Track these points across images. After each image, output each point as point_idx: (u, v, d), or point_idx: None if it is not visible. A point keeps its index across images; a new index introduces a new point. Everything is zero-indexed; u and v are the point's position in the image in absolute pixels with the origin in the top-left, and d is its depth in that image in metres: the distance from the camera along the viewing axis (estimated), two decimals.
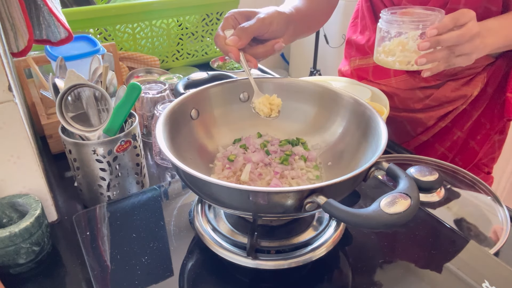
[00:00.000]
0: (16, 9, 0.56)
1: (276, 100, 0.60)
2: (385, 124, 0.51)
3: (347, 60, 1.02)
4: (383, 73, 0.92)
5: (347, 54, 1.02)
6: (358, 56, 0.98)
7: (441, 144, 0.93)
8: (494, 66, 0.84)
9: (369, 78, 0.96)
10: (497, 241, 0.57)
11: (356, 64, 0.98)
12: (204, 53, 1.27)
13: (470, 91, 0.85)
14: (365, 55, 0.96)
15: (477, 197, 0.66)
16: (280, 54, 3.07)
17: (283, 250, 0.50)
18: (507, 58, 0.83)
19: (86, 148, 0.60)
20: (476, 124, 0.89)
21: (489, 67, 0.84)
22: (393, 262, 0.51)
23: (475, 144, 0.90)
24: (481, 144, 0.89)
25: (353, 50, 0.99)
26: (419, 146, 0.96)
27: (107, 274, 0.49)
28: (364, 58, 0.96)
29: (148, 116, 0.85)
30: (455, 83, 0.86)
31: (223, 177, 0.57)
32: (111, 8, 1.03)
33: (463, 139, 0.91)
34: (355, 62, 0.98)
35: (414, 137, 0.94)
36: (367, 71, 0.96)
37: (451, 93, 0.87)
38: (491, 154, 0.94)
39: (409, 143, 0.95)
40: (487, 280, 0.47)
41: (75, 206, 0.69)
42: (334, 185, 0.41)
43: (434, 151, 0.94)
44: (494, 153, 0.94)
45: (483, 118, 0.88)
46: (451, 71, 0.84)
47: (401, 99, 0.92)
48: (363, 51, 0.96)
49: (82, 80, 0.59)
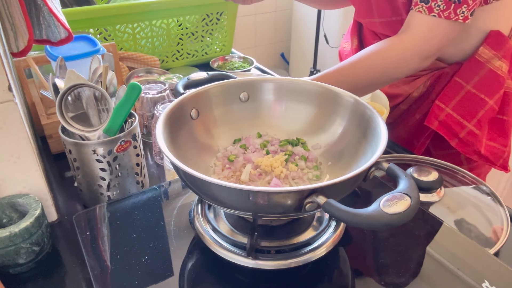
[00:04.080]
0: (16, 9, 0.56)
1: None
2: (385, 124, 0.51)
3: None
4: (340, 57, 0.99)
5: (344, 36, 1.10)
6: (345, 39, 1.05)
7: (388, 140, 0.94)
8: (441, 72, 0.84)
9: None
10: (497, 241, 0.57)
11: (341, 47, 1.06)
12: (204, 53, 1.27)
13: (407, 91, 0.87)
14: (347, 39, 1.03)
15: (477, 197, 0.66)
16: (280, 54, 3.07)
17: (283, 250, 0.50)
18: (457, 67, 0.83)
19: (86, 148, 0.60)
20: (418, 127, 0.90)
21: (436, 72, 0.85)
22: (393, 262, 0.51)
23: (418, 145, 0.90)
24: (421, 147, 0.89)
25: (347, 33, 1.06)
26: None
27: (107, 274, 0.49)
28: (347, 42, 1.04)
29: (148, 116, 0.85)
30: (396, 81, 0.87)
31: (223, 177, 0.57)
32: (111, 8, 1.03)
33: (407, 139, 0.92)
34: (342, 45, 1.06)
35: None
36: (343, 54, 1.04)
37: (389, 89, 0.89)
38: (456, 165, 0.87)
39: None
40: (487, 280, 0.47)
41: (75, 206, 0.69)
42: (334, 185, 0.41)
43: None
44: (460, 164, 0.88)
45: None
46: None
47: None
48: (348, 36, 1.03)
49: (82, 80, 0.59)
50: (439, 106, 0.82)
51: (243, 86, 0.63)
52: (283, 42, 3.01)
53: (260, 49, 2.95)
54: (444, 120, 0.82)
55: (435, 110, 0.82)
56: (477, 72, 0.80)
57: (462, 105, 0.81)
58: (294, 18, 2.80)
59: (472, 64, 0.80)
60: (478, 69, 0.80)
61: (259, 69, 1.26)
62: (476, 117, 0.81)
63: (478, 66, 0.80)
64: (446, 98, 0.82)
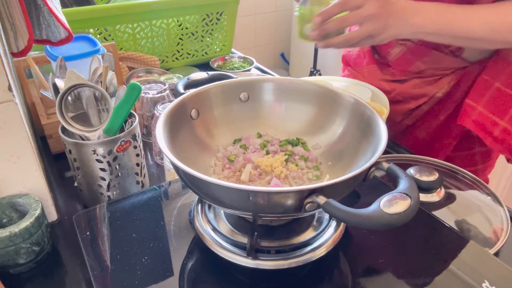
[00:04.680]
0: (16, 9, 0.56)
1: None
2: (385, 124, 0.51)
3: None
4: (360, 61, 0.96)
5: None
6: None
7: (405, 143, 0.93)
8: (465, 71, 0.83)
9: (351, 65, 1.00)
10: (497, 241, 0.57)
11: (345, 51, 1.04)
12: (204, 53, 1.27)
13: (432, 91, 0.85)
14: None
15: (477, 197, 0.66)
16: (280, 54, 3.07)
17: (283, 250, 0.50)
18: (481, 66, 0.81)
19: (86, 148, 0.60)
20: (442, 128, 0.88)
21: (459, 71, 0.83)
22: (393, 262, 0.51)
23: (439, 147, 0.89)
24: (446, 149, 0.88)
25: None
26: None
27: (107, 274, 0.49)
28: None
29: (148, 116, 0.85)
30: (419, 81, 0.86)
31: (223, 177, 0.57)
32: (111, 8, 1.03)
33: (428, 141, 0.91)
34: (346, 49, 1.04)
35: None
36: (350, 58, 1.00)
37: (413, 90, 0.87)
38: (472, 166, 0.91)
39: None
40: (487, 280, 0.47)
41: (75, 206, 0.69)
42: (334, 185, 0.41)
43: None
44: (475, 165, 0.91)
45: (452, 123, 0.87)
46: (417, 69, 0.85)
47: None
48: None
49: (82, 80, 0.59)
50: (470, 104, 0.80)
51: (243, 86, 0.63)
52: (283, 42, 3.01)
53: (260, 49, 2.95)
54: (477, 119, 0.80)
55: (467, 109, 0.80)
56: (504, 69, 0.78)
57: (493, 102, 0.79)
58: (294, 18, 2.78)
59: (498, 61, 0.79)
60: (505, 66, 0.78)
61: (259, 69, 1.26)
62: (508, 114, 0.78)
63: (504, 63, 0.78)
64: (476, 96, 0.80)
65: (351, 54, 1.01)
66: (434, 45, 0.81)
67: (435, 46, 0.81)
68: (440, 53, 0.81)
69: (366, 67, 0.94)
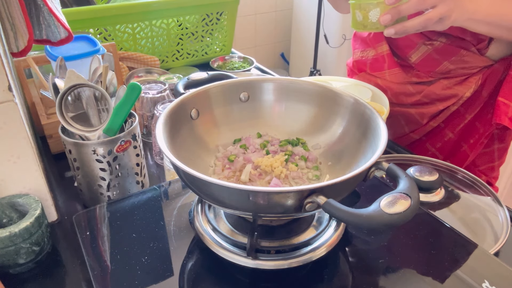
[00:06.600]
0: (16, 9, 0.56)
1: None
2: (385, 124, 0.51)
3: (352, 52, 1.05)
4: (378, 66, 0.94)
5: (353, 46, 1.04)
6: (360, 48, 1.00)
7: (432, 144, 0.93)
8: (491, 69, 0.83)
9: (367, 71, 0.98)
10: (497, 241, 0.57)
11: (358, 56, 1.00)
12: (204, 53, 1.27)
13: (461, 91, 0.85)
14: (365, 47, 0.98)
15: (477, 197, 0.66)
16: (280, 54, 3.07)
17: (283, 250, 0.50)
18: (506, 63, 0.82)
19: (86, 148, 0.60)
20: (469, 127, 0.88)
21: (485, 70, 0.83)
22: (393, 262, 0.51)
23: (467, 147, 0.89)
24: (473, 148, 0.88)
25: (358, 43, 1.01)
26: (411, 145, 0.96)
27: (107, 274, 0.49)
28: (365, 50, 0.98)
29: (148, 116, 0.85)
30: (447, 81, 0.85)
31: (223, 177, 0.57)
32: (111, 8, 1.03)
33: (455, 141, 0.90)
34: (357, 54, 1.00)
35: (406, 135, 0.94)
36: (365, 63, 0.98)
37: (442, 91, 0.86)
38: (490, 162, 0.92)
39: (400, 140, 0.95)
40: (487, 280, 0.47)
41: (75, 206, 0.69)
42: (334, 185, 0.41)
43: (425, 150, 0.94)
44: (493, 161, 0.92)
45: (477, 122, 0.87)
46: (445, 69, 0.84)
47: (394, 93, 0.92)
48: (365, 44, 0.98)
49: (82, 80, 0.59)
50: (504, 102, 0.80)
51: (243, 86, 0.63)
52: (283, 42, 3.01)
53: (260, 49, 2.95)
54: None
55: (501, 107, 0.80)
56: None
57: None
58: (294, 18, 2.79)
59: None
60: None
61: (259, 69, 1.26)
62: None
63: None
64: (508, 94, 0.80)
65: (365, 59, 0.98)
66: (462, 44, 0.81)
67: (463, 46, 0.81)
68: (468, 52, 0.81)
69: (387, 71, 0.92)
